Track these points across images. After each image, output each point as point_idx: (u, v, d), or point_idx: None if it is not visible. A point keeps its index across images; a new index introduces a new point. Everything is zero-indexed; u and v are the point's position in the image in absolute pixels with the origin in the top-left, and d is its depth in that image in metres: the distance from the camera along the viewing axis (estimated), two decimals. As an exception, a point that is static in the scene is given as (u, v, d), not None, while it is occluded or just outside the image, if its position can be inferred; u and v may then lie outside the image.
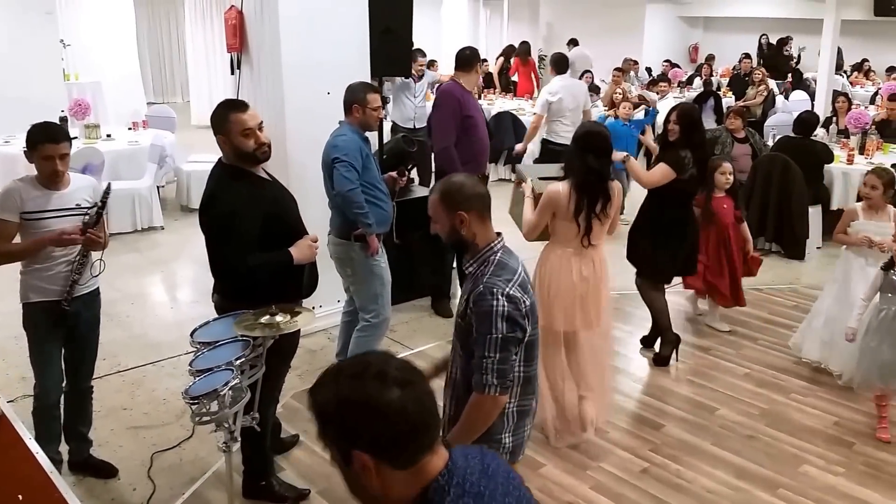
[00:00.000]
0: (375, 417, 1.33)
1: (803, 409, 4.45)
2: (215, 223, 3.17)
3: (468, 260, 2.51)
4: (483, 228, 2.50)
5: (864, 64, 15.66)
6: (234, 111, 3.20)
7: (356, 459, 1.34)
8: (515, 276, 2.44)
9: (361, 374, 1.36)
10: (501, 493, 1.45)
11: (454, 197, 2.47)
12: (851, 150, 7.62)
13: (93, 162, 6.93)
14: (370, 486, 1.37)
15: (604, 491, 3.68)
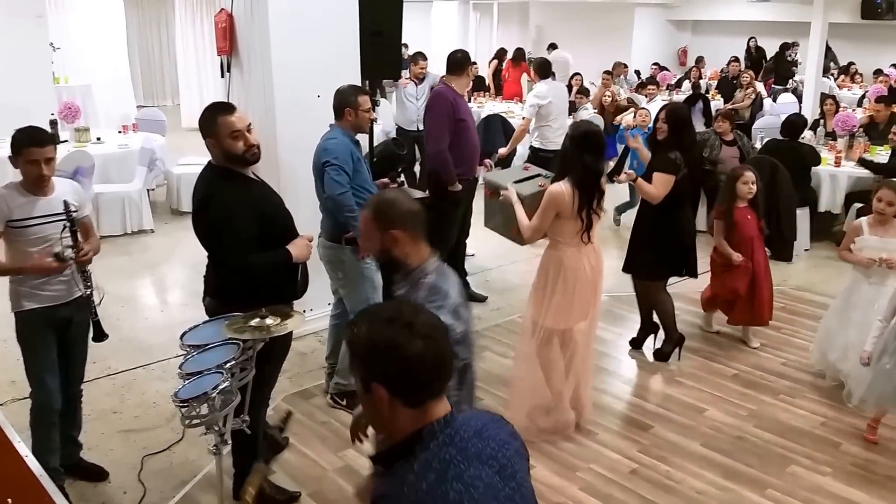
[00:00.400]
0: (397, 361, 1.52)
1: (791, 409, 4.48)
2: (212, 225, 3.18)
3: (398, 280, 2.45)
4: (415, 248, 2.44)
5: (850, 67, 15.77)
6: (221, 114, 3.21)
7: (374, 390, 1.53)
8: (449, 299, 2.35)
9: (393, 321, 1.54)
10: (487, 455, 1.56)
11: (387, 214, 2.43)
12: (839, 153, 7.68)
13: (83, 165, 6.91)
14: (382, 413, 1.55)
15: (593, 492, 3.70)
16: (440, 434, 1.54)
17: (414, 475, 1.49)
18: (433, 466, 1.50)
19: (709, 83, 14.58)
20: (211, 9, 12.71)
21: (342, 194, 4.05)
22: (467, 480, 1.48)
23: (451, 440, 1.54)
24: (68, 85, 11.18)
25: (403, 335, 1.52)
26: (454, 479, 1.48)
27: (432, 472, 1.49)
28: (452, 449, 1.53)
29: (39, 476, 2.54)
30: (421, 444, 1.53)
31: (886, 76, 13.68)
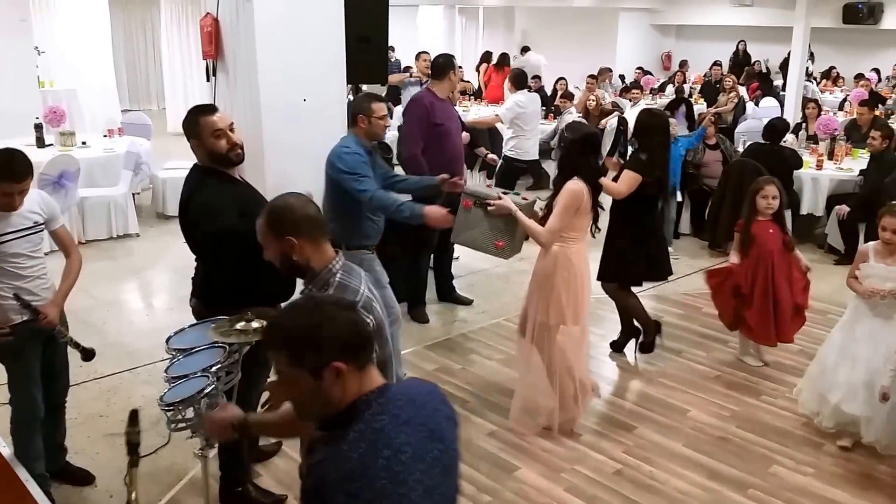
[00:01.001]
0: (344, 326, 1.65)
1: (773, 410, 4.52)
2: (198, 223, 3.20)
3: (306, 285, 2.42)
4: (317, 251, 2.41)
5: (831, 71, 15.94)
6: (203, 114, 3.25)
7: (329, 371, 1.62)
8: (358, 296, 2.35)
9: (319, 305, 1.69)
10: (417, 422, 1.67)
11: (281, 222, 2.38)
12: (821, 156, 7.76)
13: (68, 169, 6.89)
14: (333, 393, 1.64)
15: (578, 493, 3.73)
16: (374, 403, 1.65)
17: (347, 445, 1.59)
18: (366, 436, 1.59)
19: (692, 87, 14.70)
20: (196, 13, 12.70)
21: (373, 197, 4.08)
22: (396, 447, 1.59)
23: (383, 408, 1.64)
24: (53, 89, 11.11)
25: (336, 308, 1.69)
26: (384, 446, 1.58)
27: (364, 441, 1.58)
28: (385, 417, 1.63)
29: (25, 481, 2.54)
30: (357, 415, 1.63)
31: (867, 80, 13.82)
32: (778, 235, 4.85)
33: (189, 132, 3.24)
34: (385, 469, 1.56)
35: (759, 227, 4.84)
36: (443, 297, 6.13)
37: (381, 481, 1.55)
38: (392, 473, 1.56)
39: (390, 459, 1.57)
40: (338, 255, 2.44)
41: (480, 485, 3.77)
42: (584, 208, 4.04)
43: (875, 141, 7.01)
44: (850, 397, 4.01)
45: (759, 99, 12.96)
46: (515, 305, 6.02)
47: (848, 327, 4.19)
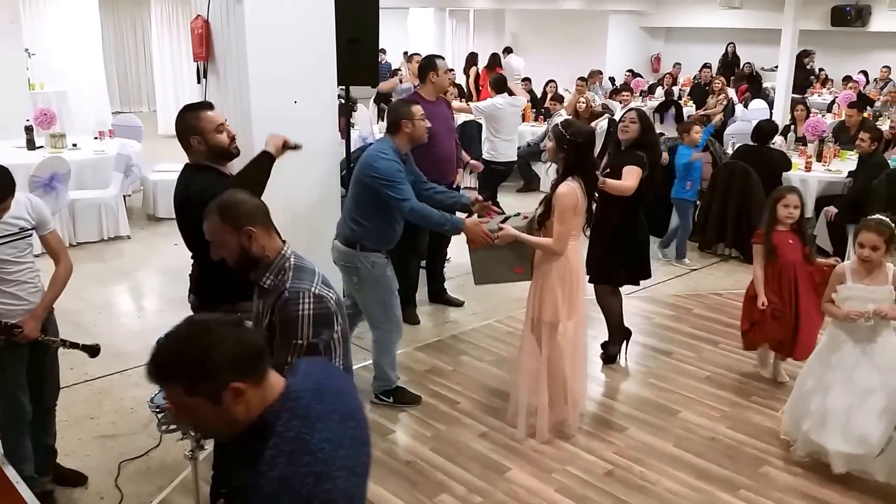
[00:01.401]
0: (235, 345, 1.62)
1: (763, 411, 4.54)
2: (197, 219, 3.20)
3: (263, 274, 2.43)
4: (270, 239, 2.45)
5: (820, 73, 16.03)
6: (203, 110, 3.27)
7: (228, 393, 1.60)
8: (316, 274, 2.42)
9: (205, 328, 1.64)
10: (327, 412, 1.70)
11: (236, 214, 2.40)
12: (809, 158, 7.81)
13: (58, 172, 6.87)
14: (235, 413, 1.63)
15: (568, 493, 3.74)
16: (283, 413, 1.65)
17: (267, 465, 1.59)
18: (283, 449, 1.60)
19: (681, 90, 14.77)
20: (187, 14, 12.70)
21: (413, 207, 4.11)
22: (314, 449, 1.61)
23: (293, 413, 1.65)
24: (44, 91, 11.11)
25: (221, 328, 1.64)
26: (302, 453, 1.60)
27: (282, 455, 1.59)
28: (296, 422, 1.64)
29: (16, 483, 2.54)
30: (269, 429, 1.63)
31: (856, 82, 13.92)
32: (798, 246, 4.66)
33: (189, 129, 3.23)
34: (309, 475, 1.58)
35: (779, 237, 4.66)
36: (434, 299, 6.14)
37: (308, 487, 1.58)
38: (316, 475, 1.59)
39: (311, 463, 1.59)
40: (286, 243, 2.48)
41: (472, 486, 3.78)
42: (581, 209, 4.08)
43: (864, 143, 7.05)
44: (818, 425, 3.82)
45: (749, 101, 13.03)
46: (506, 307, 6.06)
47: (825, 354, 3.95)
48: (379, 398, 4.57)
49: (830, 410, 3.78)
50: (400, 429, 4.33)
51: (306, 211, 4.98)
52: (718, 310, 6.11)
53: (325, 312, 2.33)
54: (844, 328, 3.83)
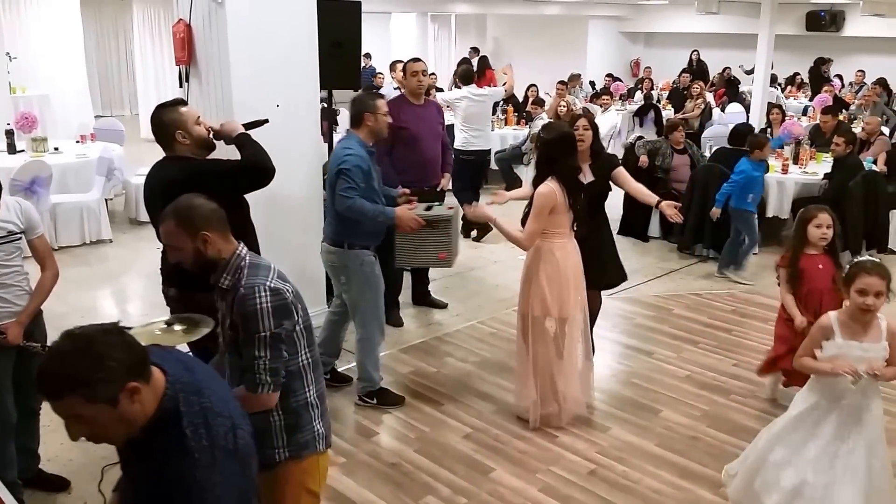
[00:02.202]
0: (123, 348, 1.74)
1: (743, 409, 4.58)
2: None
3: (221, 276, 2.45)
4: (226, 242, 2.46)
5: (796, 77, 16.24)
6: (180, 106, 3.41)
7: (124, 394, 1.72)
8: (271, 269, 2.45)
9: (91, 339, 1.72)
10: (204, 378, 1.93)
11: (192, 219, 2.41)
12: (786, 160, 7.92)
13: (40, 175, 6.83)
14: (132, 412, 1.75)
15: (552, 493, 3.77)
16: (179, 396, 1.81)
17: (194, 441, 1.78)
18: (198, 422, 1.80)
19: (660, 94, 14.91)
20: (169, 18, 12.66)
21: (350, 207, 4.11)
22: (217, 410, 1.85)
23: (186, 392, 1.83)
24: (25, 95, 11.06)
25: (104, 338, 1.74)
26: (214, 417, 1.83)
27: (201, 427, 1.80)
28: (193, 397, 1.83)
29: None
30: (175, 414, 1.79)
31: (831, 86, 14.11)
32: (829, 271, 4.19)
33: (172, 125, 3.33)
34: (227, 431, 1.84)
35: (807, 260, 4.23)
36: (418, 301, 6.16)
37: (230, 440, 1.84)
38: (231, 428, 1.86)
39: (223, 422, 1.85)
40: (240, 243, 2.50)
41: (456, 487, 3.80)
42: (560, 208, 4.11)
43: (838, 146, 7.17)
44: (787, 501, 3.24)
45: (726, 105, 13.18)
46: (490, 308, 6.10)
47: (807, 423, 3.28)
48: (363, 399, 4.59)
49: (808, 486, 3.18)
50: (384, 431, 4.35)
51: (290, 214, 4.99)
52: (698, 310, 6.18)
53: (282, 304, 2.36)
54: (831, 392, 3.19)
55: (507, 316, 5.97)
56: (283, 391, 2.42)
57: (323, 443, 2.59)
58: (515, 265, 7.12)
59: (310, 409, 2.53)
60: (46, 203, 7.01)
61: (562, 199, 4.09)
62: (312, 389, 2.53)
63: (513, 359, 5.15)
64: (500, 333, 5.67)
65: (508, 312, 6.04)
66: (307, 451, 2.55)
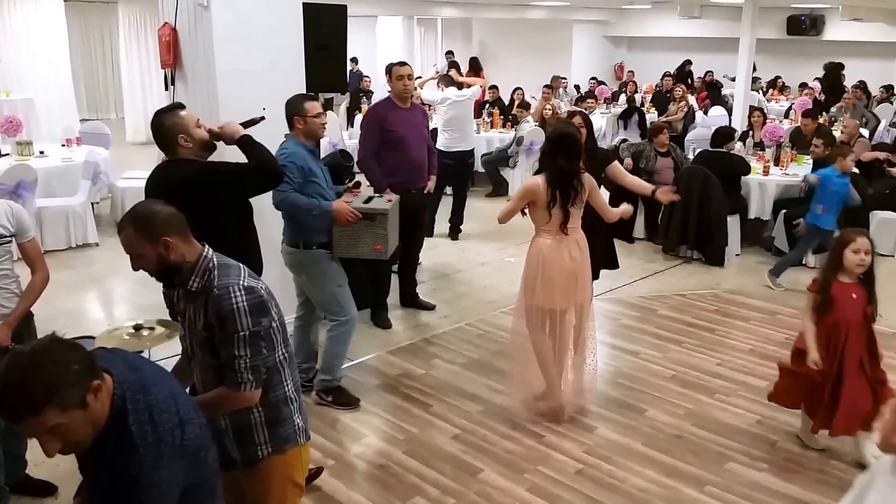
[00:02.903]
0: (76, 350, 1.77)
1: (727, 408, 4.62)
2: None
3: (189, 278, 2.41)
4: (189, 246, 2.41)
5: (777, 81, 16.40)
6: (180, 110, 3.44)
7: (91, 394, 1.77)
8: (241, 269, 2.43)
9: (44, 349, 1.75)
10: (151, 376, 1.96)
11: (152, 225, 2.36)
12: (767, 162, 8.01)
13: (25, 179, 6.81)
14: (98, 411, 1.80)
15: (540, 493, 3.79)
16: (126, 394, 1.86)
17: (139, 439, 1.82)
18: (143, 420, 1.84)
19: (644, 97, 15.01)
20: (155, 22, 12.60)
21: (283, 200, 4.17)
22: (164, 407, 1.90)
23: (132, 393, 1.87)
24: (10, 98, 11.00)
25: (57, 347, 1.77)
26: (160, 414, 1.87)
27: (147, 424, 1.84)
28: (139, 396, 1.88)
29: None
30: (122, 413, 1.84)
31: (811, 89, 14.26)
32: (862, 303, 3.89)
33: (174, 129, 3.38)
34: (174, 427, 1.88)
35: (840, 289, 3.89)
36: (406, 303, 6.18)
37: (177, 436, 1.88)
38: (179, 424, 1.89)
39: (170, 418, 1.88)
40: (205, 245, 2.46)
41: (444, 487, 3.83)
42: (539, 202, 4.19)
43: (818, 148, 7.27)
44: None
45: (708, 108, 13.30)
46: (477, 310, 6.13)
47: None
48: (319, 395, 4.59)
49: None
50: (373, 432, 4.36)
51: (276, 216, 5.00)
52: (682, 310, 6.24)
53: (258, 301, 2.36)
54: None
55: (494, 317, 6.01)
56: (263, 387, 2.44)
57: (303, 435, 2.62)
58: (502, 267, 7.22)
59: (289, 403, 2.55)
60: (32, 207, 6.97)
61: (542, 195, 4.16)
62: (290, 383, 2.55)
63: (500, 359, 5.23)
64: (487, 335, 5.70)
65: (496, 314, 6.08)
66: (289, 445, 2.58)
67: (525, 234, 4.59)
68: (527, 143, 9.79)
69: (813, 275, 4.31)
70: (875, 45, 15.74)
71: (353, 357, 5.24)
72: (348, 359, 5.18)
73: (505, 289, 6.64)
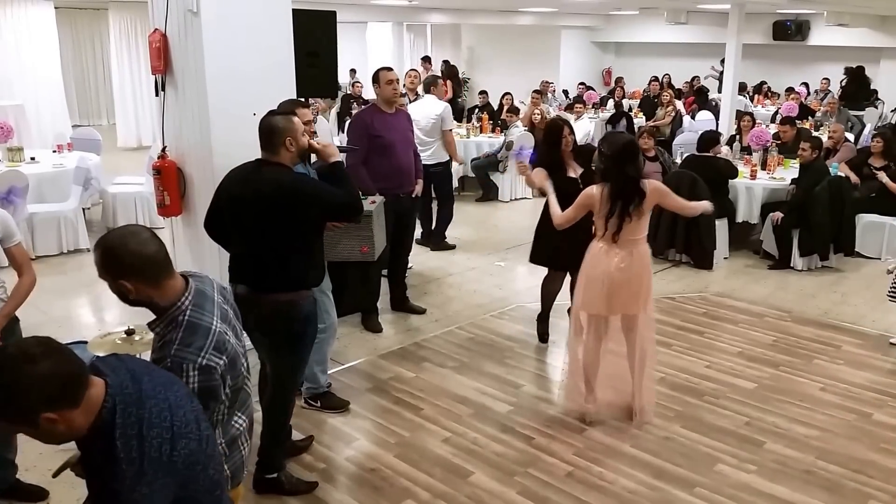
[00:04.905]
0: (40, 389, 1.70)
1: (716, 410, 4.64)
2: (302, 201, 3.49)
3: (154, 320, 2.26)
4: (159, 290, 2.22)
5: (762, 85, 16.52)
6: (293, 115, 3.56)
7: (42, 421, 1.73)
8: (210, 336, 2.20)
9: (10, 365, 1.70)
10: (150, 388, 1.88)
11: (112, 265, 2.21)
12: (754, 166, 8.07)
13: (16, 185, 6.80)
14: (58, 431, 1.77)
15: (530, 495, 3.80)
16: (116, 407, 1.81)
17: (123, 452, 1.77)
18: (130, 433, 1.79)
19: (631, 102, 15.10)
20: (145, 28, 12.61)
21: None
22: (156, 422, 1.82)
23: (125, 404, 1.82)
24: (0, 105, 10.95)
25: (26, 369, 1.69)
26: (149, 429, 1.81)
27: (133, 439, 1.79)
28: (131, 409, 1.82)
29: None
30: (110, 425, 1.79)
31: (797, 94, 14.38)
32: None
33: (285, 132, 3.43)
34: (163, 441, 1.82)
35: None
36: (396, 307, 6.20)
37: (166, 451, 1.82)
38: (170, 440, 1.83)
39: (161, 433, 1.82)
40: (188, 288, 2.26)
41: (435, 491, 3.84)
42: (596, 211, 4.26)
43: (805, 152, 7.34)
44: None
45: (696, 112, 13.38)
46: (467, 314, 6.16)
47: None
48: (308, 403, 4.60)
49: None
50: (363, 436, 4.38)
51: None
52: (671, 313, 6.27)
53: (211, 386, 2.16)
54: None
55: (484, 321, 6.04)
56: None
57: (230, 481, 2.36)
58: (492, 271, 7.25)
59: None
60: (23, 213, 6.97)
61: (598, 205, 4.22)
62: (222, 438, 2.33)
63: (490, 363, 5.28)
64: (477, 338, 5.73)
65: (486, 318, 6.11)
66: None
67: (514, 239, 4.63)
68: (516, 148, 9.83)
69: (801, 278, 4.36)
70: (860, 49, 15.88)
71: (343, 361, 5.27)
72: (339, 362, 5.21)
73: (495, 293, 6.67)
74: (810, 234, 7.26)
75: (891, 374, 5.20)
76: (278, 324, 3.51)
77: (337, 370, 5.05)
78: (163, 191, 5.03)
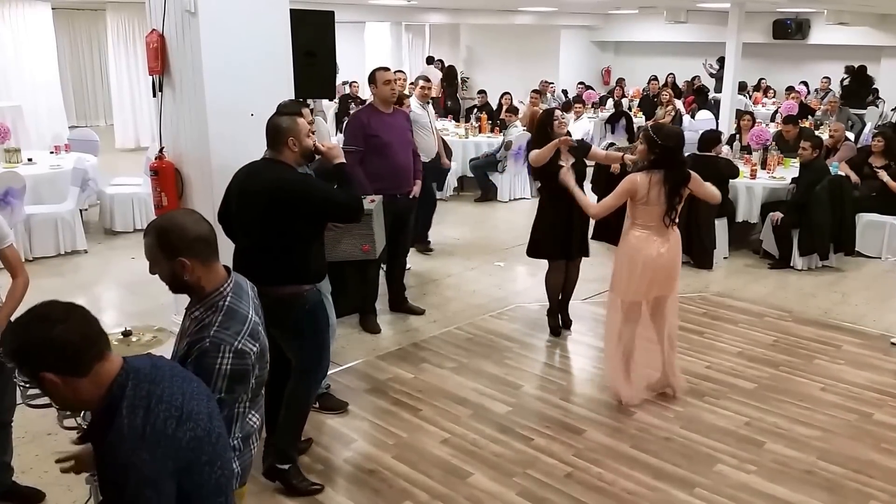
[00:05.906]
0: (48, 350, 1.79)
1: (715, 410, 4.64)
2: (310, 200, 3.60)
3: (195, 305, 2.32)
4: (208, 272, 2.30)
5: (760, 83, 16.52)
6: (298, 116, 3.65)
7: (44, 379, 1.81)
8: (246, 324, 2.29)
9: (29, 322, 1.82)
10: (169, 377, 1.92)
11: (172, 242, 2.26)
12: (754, 166, 8.05)
13: (13, 187, 6.77)
14: (61, 394, 1.85)
15: (529, 496, 3.80)
16: (129, 380, 1.86)
17: (127, 419, 1.81)
18: (138, 404, 1.83)
19: (631, 101, 15.09)
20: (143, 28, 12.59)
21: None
22: (167, 399, 1.86)
23: (139, 379, 1.87)
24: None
25: (42, 328, 1.80)
26: (157, 402, 1.85)
27: (140, 408, 1.83)
28: (145, 384, 1.87)
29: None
30: (119, 396, 1.84)
31: (797, 92, 14.36)
32: None
33: (288, 131, 3.52)
34: (169, 417, 1.84)
35: None
36: (395, 308, 6.18)
37: (171, 427, 1.84)
38: (177, 418, 1.85)
39: (169, 409, 1.86)
40: (229, 277, 2.36)
41: (434, 492, 3.83)
42: (641, 199, 4.39)
43: (805, 151, 7.32)
44: None
45: (695, 112, 13.37)
46: (466, 314, 6.14)
47: None
48: None
49: None
50: (362, 437, 4.36)
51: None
52: (671, 314, 6.26)
53: (242, 370, 2.24)
54: None
55: (483, 321, 6.03)
56: None
57: (237, 480, 2.39)
58: (491, 271, 7.24)
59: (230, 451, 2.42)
60: (20, 214, 6.95)
61: (645, 192, 4.35)
62: (238, 434, 2.37)
63: (489, 363, 5.27)
64: (476, 339, 5.71)
65: (485, 318, 6.09)
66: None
67: (513, 239, 4.63)
68: (515, 148, 9.82)
69: (801, 277, 4.40)
70: (860, 48, 15.88)
71: (341, 362, 5.25)
72: (337, 363, 5.19)
73: (494, 293, 6.66)
74: (810, 234, 7.25)
75: (891, 373, 5.19)
76: (283, 315, 3.54)
77: (335, 371, 5.03)
78: (160, 192, 5.01)
